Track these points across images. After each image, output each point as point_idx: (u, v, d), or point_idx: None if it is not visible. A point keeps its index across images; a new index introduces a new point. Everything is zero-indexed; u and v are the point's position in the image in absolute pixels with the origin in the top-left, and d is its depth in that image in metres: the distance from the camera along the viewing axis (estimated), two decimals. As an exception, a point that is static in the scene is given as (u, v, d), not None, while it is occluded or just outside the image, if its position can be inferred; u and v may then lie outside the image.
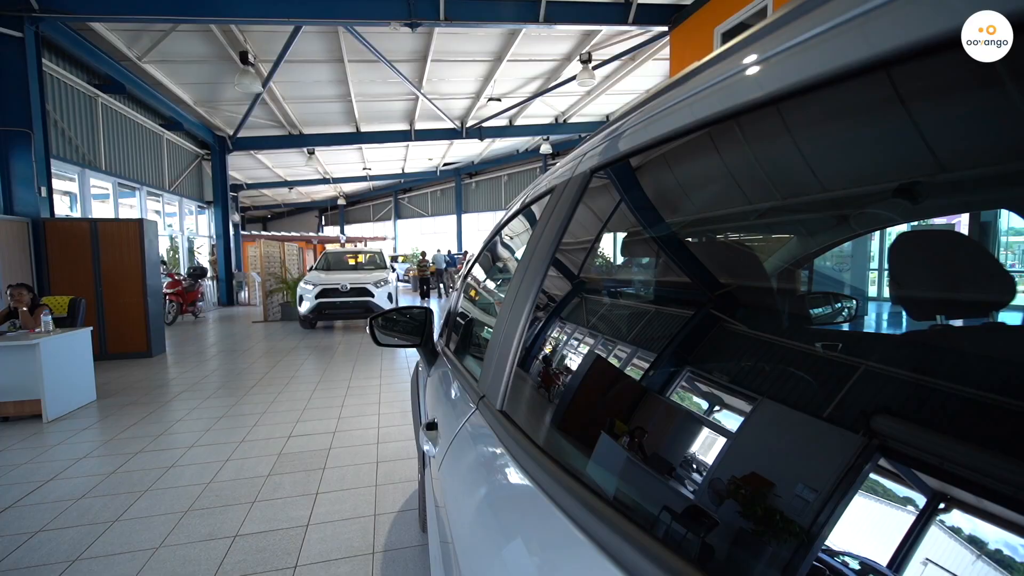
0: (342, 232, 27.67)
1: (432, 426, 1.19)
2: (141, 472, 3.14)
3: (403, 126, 13.72)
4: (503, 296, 1.12)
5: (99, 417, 4.27)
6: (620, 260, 0.84)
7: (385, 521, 2.50)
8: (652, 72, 11.03)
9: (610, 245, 0.83)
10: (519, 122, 14.44)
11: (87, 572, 2.12)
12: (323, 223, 30.94)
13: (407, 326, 1.84)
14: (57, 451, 3.53)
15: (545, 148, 15.97)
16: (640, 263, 0.79)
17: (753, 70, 0.43)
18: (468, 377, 1.18)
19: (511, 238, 1.37)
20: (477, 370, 1.12)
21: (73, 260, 6.43)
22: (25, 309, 4.46)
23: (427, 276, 15.04)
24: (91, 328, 4.79)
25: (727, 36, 7.00)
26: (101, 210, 9.14)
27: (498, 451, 0.76)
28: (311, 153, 15.15)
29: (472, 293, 1.75)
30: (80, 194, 8.21)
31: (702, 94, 0.49)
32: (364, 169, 19.58)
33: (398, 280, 10.91)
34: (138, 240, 6.66)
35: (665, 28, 8.11)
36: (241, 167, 16.90)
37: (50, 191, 6.51)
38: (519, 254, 1.10)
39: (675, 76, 0.58)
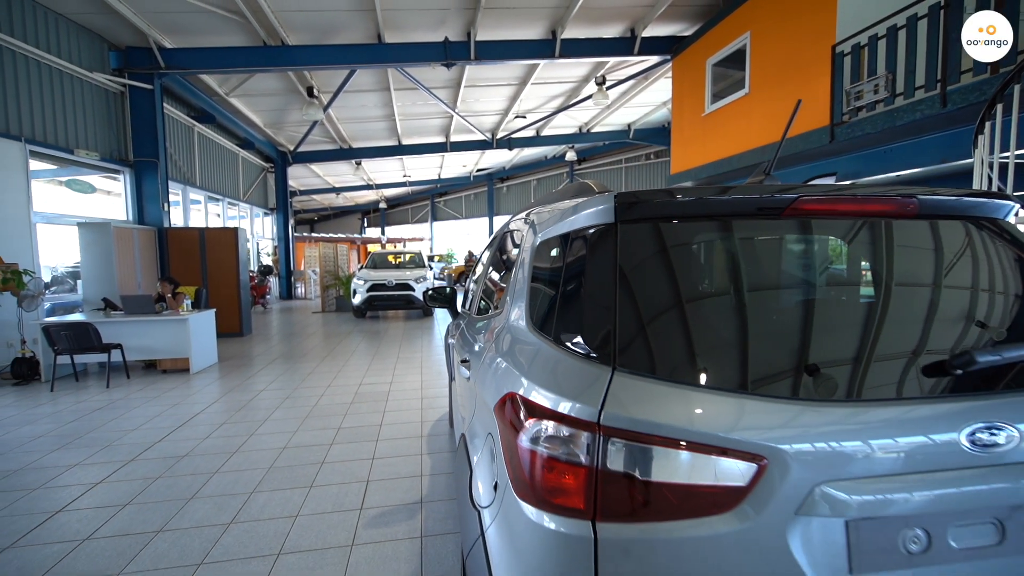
0: (383, 233, 29.74)
1: (453, 337, 2.63)
2: (268, 400, 4.72)
3: (439, 139, 15.32)
4: (479, 274, 2.55)
5: (224, 372, 5.94)
6: (503, 260, 2.23)
7: (428, 424, 3.95)
8: (665, 87, 12.12)
9: (503, 256, 2.23)
10: (545, 133, 15.77)
11: (262, 441, 3.67)
12: (365, 225, 33.16)
13: (443, 298, 3.29)
14: (207, 389, 5.18)
15: (570, 155, 17.24)
16: (507, 261, 2.20)
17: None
18: (467, 313, 2.59)
19: (487, 251, 2.78)
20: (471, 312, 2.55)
21: (187, 259, 8.27)
22: (171, 295, 6.19)
23: None
24: (215, 309, 6.51)
25: (716, 67, 8.14)
26: (195, 217, 11.10)
27: (476, 323, 2.16)
28: (358, 164, 17.02)
29: (474, 276, 3.19)
30: (183, 206, 10.16)
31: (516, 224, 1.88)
32: (404, 176, 21.42)
33: (435, 278, 12.52)
34: (234, 245, 8.44)
35: (668, 56, 9.28)
36: (296, 176, 18.98)
37: (169, 206, 8.36)
38: (487, 257, 2.52)
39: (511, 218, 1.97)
